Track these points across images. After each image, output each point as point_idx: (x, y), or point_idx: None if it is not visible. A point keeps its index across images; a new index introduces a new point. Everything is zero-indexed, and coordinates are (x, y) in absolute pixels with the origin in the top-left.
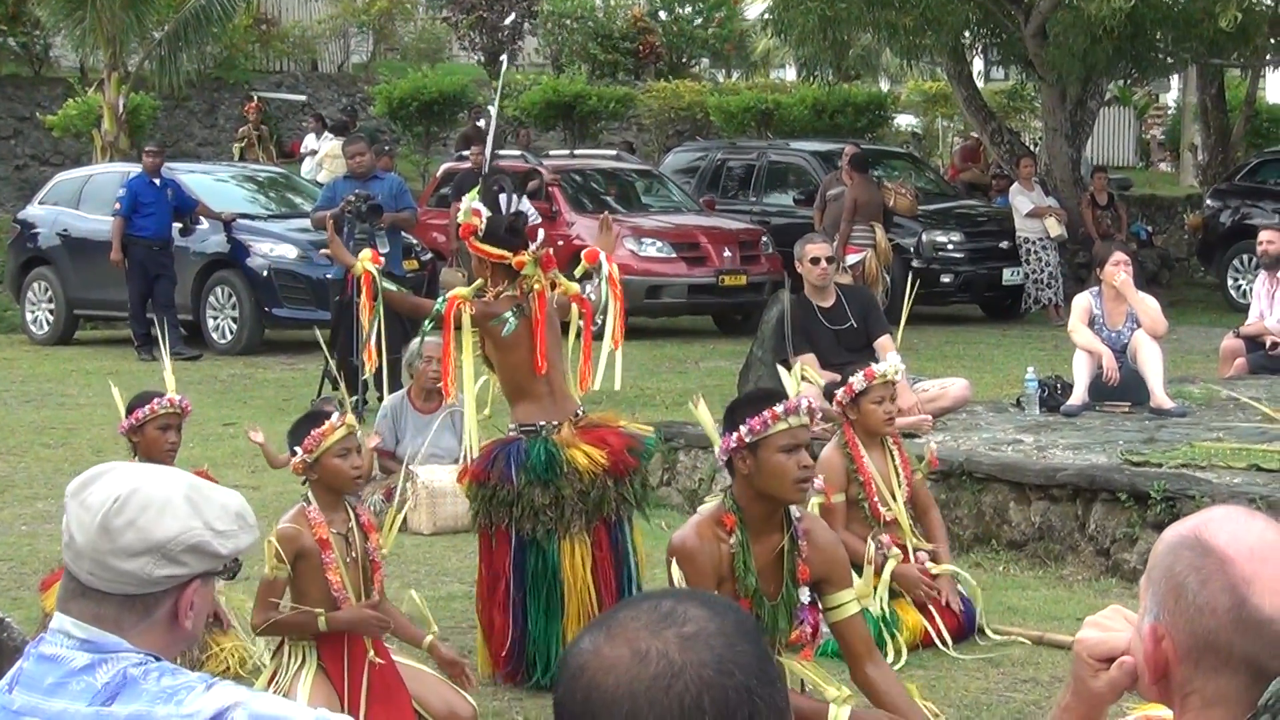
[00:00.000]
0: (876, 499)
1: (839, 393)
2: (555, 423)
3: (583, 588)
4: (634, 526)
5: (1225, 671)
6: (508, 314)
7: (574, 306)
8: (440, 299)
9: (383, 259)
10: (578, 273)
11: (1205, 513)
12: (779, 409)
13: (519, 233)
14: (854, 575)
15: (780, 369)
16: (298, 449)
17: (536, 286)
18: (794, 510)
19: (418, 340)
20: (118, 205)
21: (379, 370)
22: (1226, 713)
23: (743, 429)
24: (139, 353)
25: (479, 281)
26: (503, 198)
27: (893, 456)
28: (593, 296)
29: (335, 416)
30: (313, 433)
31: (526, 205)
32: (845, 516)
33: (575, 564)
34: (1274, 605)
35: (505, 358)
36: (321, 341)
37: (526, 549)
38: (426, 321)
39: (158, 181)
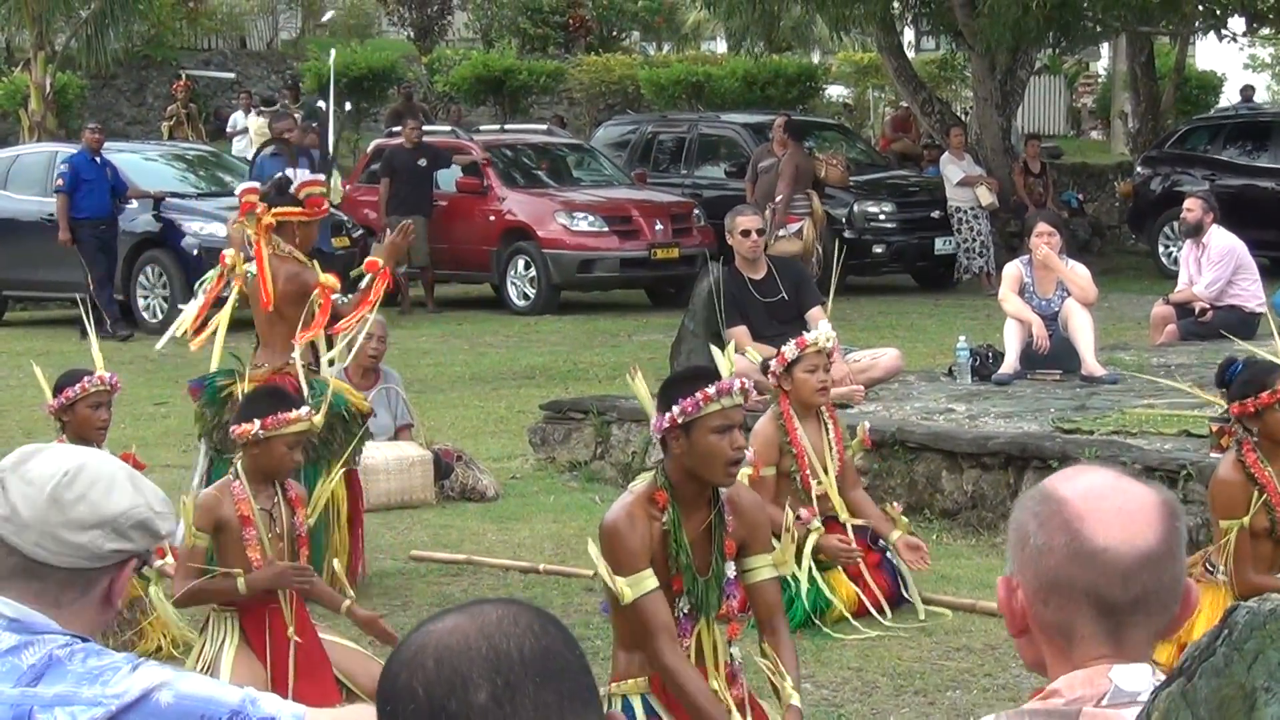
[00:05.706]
0: (809, 472)
1: (773, 363)
2: (258, 365)
3: None
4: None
5: (1071, 606)
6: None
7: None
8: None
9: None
10: (353, 274)
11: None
12: (711, 390)
13: (283, 191)
14: (774, 543)
15: (714, 348)
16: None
17: (249, 234)
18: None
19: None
20: (60, 182)
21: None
22: (1089, 649)
23: (675, 409)
24: (115, 329)
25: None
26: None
27: (827, 429)
28: None
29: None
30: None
31: (296, 174)
32: (775, 490)
33: None
34: (1106, 536)
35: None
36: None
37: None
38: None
39: (98, 159)
